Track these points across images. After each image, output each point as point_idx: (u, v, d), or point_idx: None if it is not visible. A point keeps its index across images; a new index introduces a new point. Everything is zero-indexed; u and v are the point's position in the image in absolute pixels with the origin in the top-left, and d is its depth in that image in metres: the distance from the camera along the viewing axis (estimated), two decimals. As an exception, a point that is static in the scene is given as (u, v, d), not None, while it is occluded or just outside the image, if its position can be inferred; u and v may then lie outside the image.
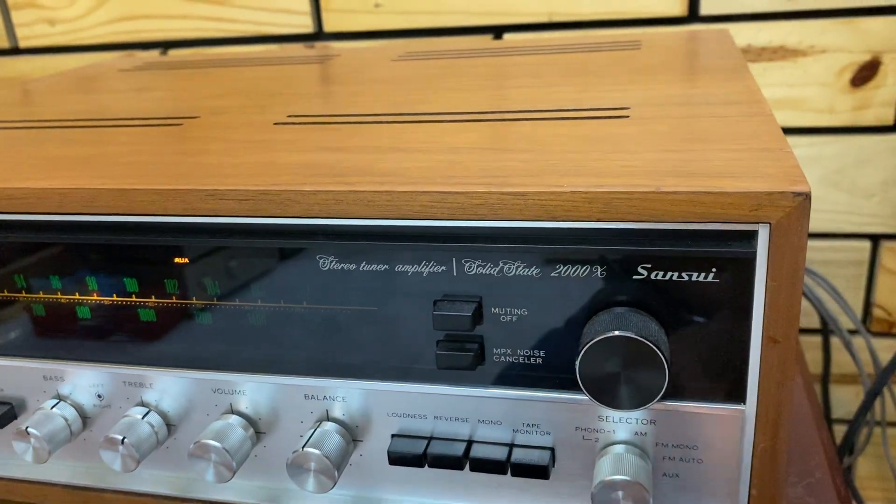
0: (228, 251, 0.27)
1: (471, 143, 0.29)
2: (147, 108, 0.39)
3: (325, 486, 0.27)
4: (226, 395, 0.30)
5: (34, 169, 0.30)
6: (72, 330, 0.31)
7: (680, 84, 0.35)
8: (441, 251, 0.25)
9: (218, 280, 0.28)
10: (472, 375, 0.26)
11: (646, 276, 0.23)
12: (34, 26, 0.78)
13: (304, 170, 0.27)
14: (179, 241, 0.28)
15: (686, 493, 0.27)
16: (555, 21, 0.67)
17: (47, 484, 0.33)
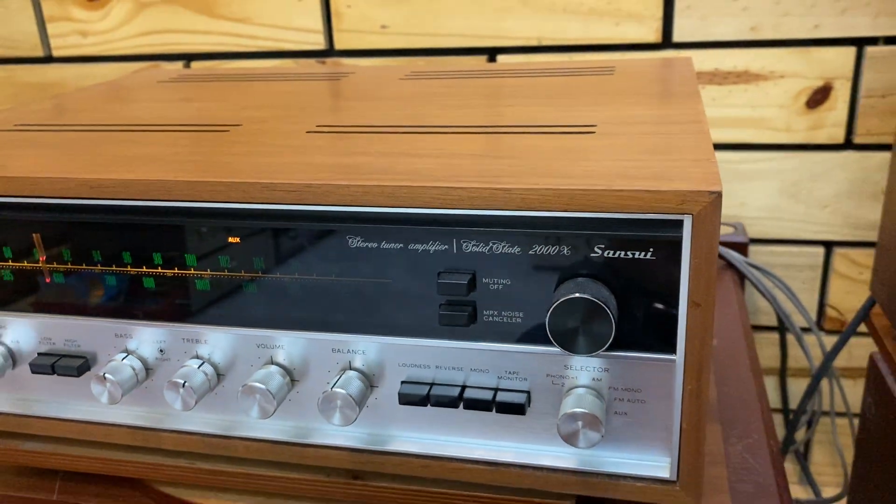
0: (275, 232, 0.35)
1: (468, 150, 0.36)
2: (194, 116, 0.46)
3: (349, 419, 0.35)
4: (267, 349, 0.37)
5: (115, 164, 0.37)
6: (140, 296, 0.38)
7: (641, 106, 0.43)
8: (444, 233, 0.32)
9: (263, 256, 0.35)
10: (466, 332, 0.34)
11: (600, 254, 0.31)
12: (68, 37, 0.85)
13: (336, 169, 0.34)
14: (235, 224, 0.35)
15: (633, 428, 0.34)
16: (543, 45, 0.75)
17: (113, 425, 0.40)
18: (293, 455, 0.38)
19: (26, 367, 0.41)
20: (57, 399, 0.41)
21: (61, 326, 0.39)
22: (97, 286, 0.38)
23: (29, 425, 0.42)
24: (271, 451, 0.38)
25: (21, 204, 0.37)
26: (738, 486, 0.43)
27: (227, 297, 0.37)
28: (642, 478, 0.34)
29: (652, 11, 0.72)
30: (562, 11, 0.73)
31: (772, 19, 0.70)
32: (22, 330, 0.40)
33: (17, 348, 0.40)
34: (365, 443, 0.37)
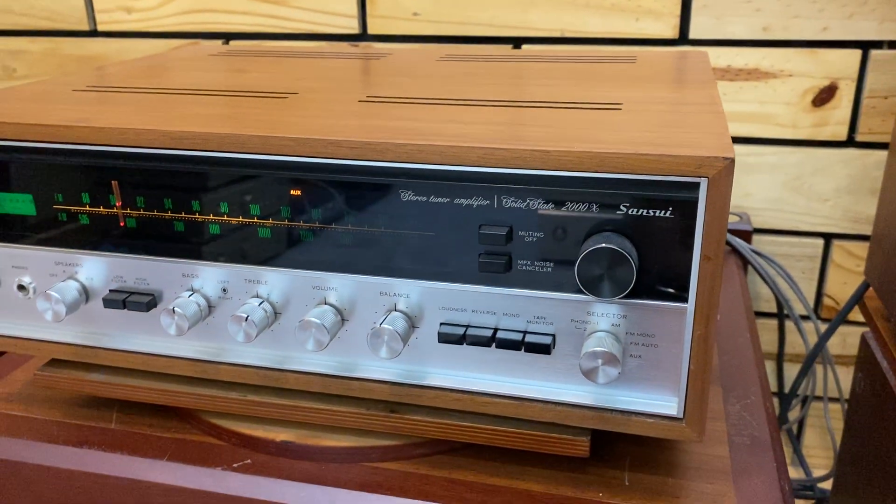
0: (334, 185, 0.39)
1: (506, 119, 0.40)
2: (252, 85, 0.51)
3: (395, 352, 0.39)
4: (321, 290, 0.41)
5: (189, 120, 0.41)
6: (206, 240, 0.42)
7: (662, 90, 0.47)
8: (486, 190, 0.37)
9: (320, 207, 0.40)
10: (501, 279, 0.38)
11: (625, 212, 0.35)
12: (113, 13, 0.90)
13: (390, 130, 0.38)
14: (298, 176, 0.39)
15: (645, 370, 0.38)
16: (566, 36, 0.79)
17: (175, 357, 0.45)
18: (340, 387, 0.43)
19: (97, 302, 0.45)
20: (123, 333, 0.46)
21: (132, 266, 0.44)
22: (168, 230, 0.42)
23: (96, 356, 0.46)
24: (320, 384, 0.43)
25: (102, 152, 0.41)
26: (736, 439, 0.47)
27: (287, 243, 0.41)
28: (652, 415, 0.39)
29: (670, 9, 0.76)
30: (584, 6, 0.78)
31: (782, 21, 0.74)
32: (95, 268, 0.44)
33: (91, 285, 0.45)
34: (404, 377, 0.42)
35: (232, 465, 0.45)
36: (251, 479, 0.45)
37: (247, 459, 0.46)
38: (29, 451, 0.48)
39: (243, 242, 0.42)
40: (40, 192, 0.44)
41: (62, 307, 0.43)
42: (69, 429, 0.49)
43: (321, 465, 0.45)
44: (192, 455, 0.46)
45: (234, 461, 0.46)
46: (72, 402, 0.52)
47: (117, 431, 0.49)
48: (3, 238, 0.45)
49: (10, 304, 0.47)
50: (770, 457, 0.46)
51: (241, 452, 0.47)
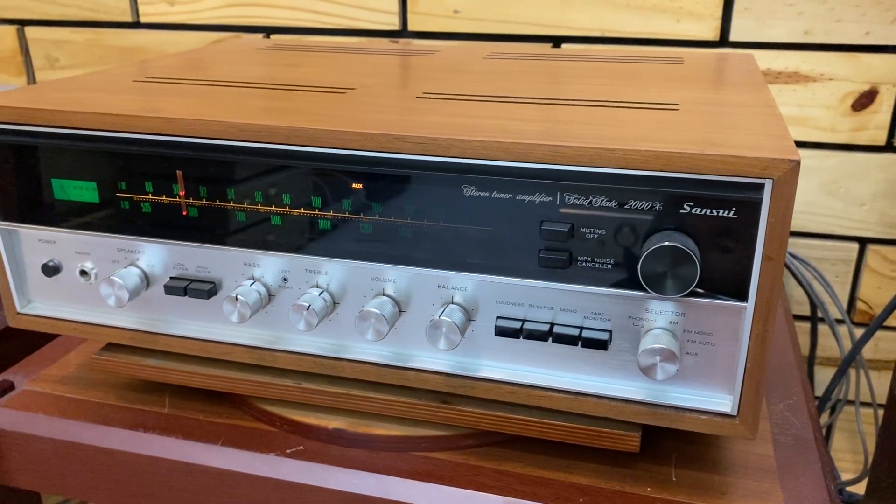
0: (396, 179, 0.40)
1: (565, 118, 0.41)
2: (308, 79, 0.52)
3: (453, 343, 0.40)
4: (379, 282, 0.42)
5: (254, 113, 0.42)
6: (268, 230, 0.43)
7: (716, 91, 0.48)
8: (549, 187, 0.37)
9: (381, 201, 0.41)
10: (561, 275, 0.39)
11: (688, 211, 0.36)
12: (156, 5, 0.91)
13: (454, 127, 0.39)
14: (361, 169, 0.40)
15: (700, 367, 0.39)
16: (606, 36, 0.80)
17: (233, 344, 0.46)
18: (395, 377, 0.43)
19: (157, 288, 0.46)
20: (181, 319, 0.47)
21: (194, 254, 0.45)
22: (230, 220, 0.43)
23: (155, 342, 0.47)
24: (375, 373, 0.44)
25: (169, 142, 0.42)
26: (780, 439, 0.48)
27: (347, 234, 0.42)
28: (706, 411, 0.39)
29: (711, 11, 0.76)
30: (625, 6, 0.78)
31: (824, 24, 0.74)
32: (157, 255, 0.45)
33: (151, 272, 0.46)
34: (458, 369, 0.43)
35: (285, 452, 0.46)
36: (304, 465, 0.45)
37: (299, 446, 0.47)
38: (86, 432, 0.49)
39: (304, 233, 0.42)
40: (104, 179, 0.45)
41: (125, 293, 0.44)
42: (124, 412, 0.50)
43: (372, 453, 0.46)
44: (245, 440, 0.47)
45: (286, 447, 0.47)
46: (125, 386, 0.53)
47: (171, 416, 0.50)
48: (66, 224, 0.46)
49: (72, 288, 0.48)
50: (815, 457, 0.46)
51: (293, 439, 0.47)
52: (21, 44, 0.97)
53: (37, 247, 0.48)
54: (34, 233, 0.47)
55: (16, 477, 0.51)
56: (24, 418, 0.50)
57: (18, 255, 0.48)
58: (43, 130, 0.44)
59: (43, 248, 0.47)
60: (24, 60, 0.98)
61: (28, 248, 0.48)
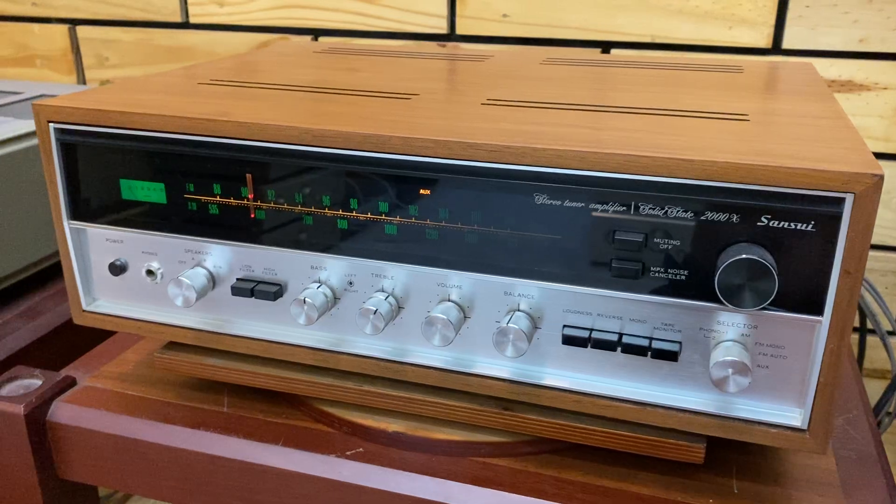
0: (464, 186, 0.40)
1: (636, 126, 0.41)
2: (370, 84, 0.52)
3: (521, 351, 0.40)
4: (445, 287, 0.42)
5: (324, 118, 0.43)
6: (335, 234, 0.43)
7: (783, 101, 0.47)
8: (624, 196, 0.37)
9: (448, 207, 0.41)
10: (632, 284, 0.39)
11: (766, 223, 0.36)
12: (206, 6, 0.92)
13: (524, 134, 0.39)
14: (431, 176, 0.40)
15: (771, 381, 0.39)
16: (656, 42, 0.79)
17: (297, 346, 0.46)
18: (458, 382, 0.44)
19: (221, 289, 0.47)
20: (245, 320, 0.47)
21: (261, 256, 0.45)
22: (298, 223, 0.44)
23: (219, 342, 0.48)
24: (438, 378, 0.44)
25: (240, 146, 0.43)
26: (842, 453, 0.47)
27: (414, 240, 0.42)
28: (776, 425, 0.39)
29: (765, 18, 0.75)
30: (677, 12, 0.78)
31: (881, 32, 0.73)
32: (223, 257, 0.46)
33: (217, 273, 0.47)
34: (521, 376, 0.43)
35: (344, 453, 0.47)
36: (364, 467, 0.46)
37: (358, 448, 0.47)
38: (148, 429, 0.50)
39: (371, 238, 0.43)
40: (172, 181, 0.45)
41: (193, 293, 0.45)
42: (184, 410, 0.51)
43: (431, 457, 0.46)
44: (305, 441, 0.48)
45: (345, 449, 0.47)
46: (184, 385, 0.54)
47: (230, 415, 0.50)
48: (134, 224, 0.47)
49: (137, 288, 0.49)
50: (878, 472, 0.46)
51: (352, 441, 0.48)
52: (72, 43, 0.99)
53: (104, 246, 0.48)
54: (102, 232, 0.48)
55: (77, 471, 0.52)
56: (86, 414, 0.51)
57: (86, 253, 0.49)
58: (113, 132, 0.45)
59: (110, 247, 0.48)
60: (74, 59, 1.00)
61: (95, 246, 0.49)
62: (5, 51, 1.02)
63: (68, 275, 0.49)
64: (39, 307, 0.65)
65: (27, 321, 0.62)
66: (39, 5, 0.99)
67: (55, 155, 0.46)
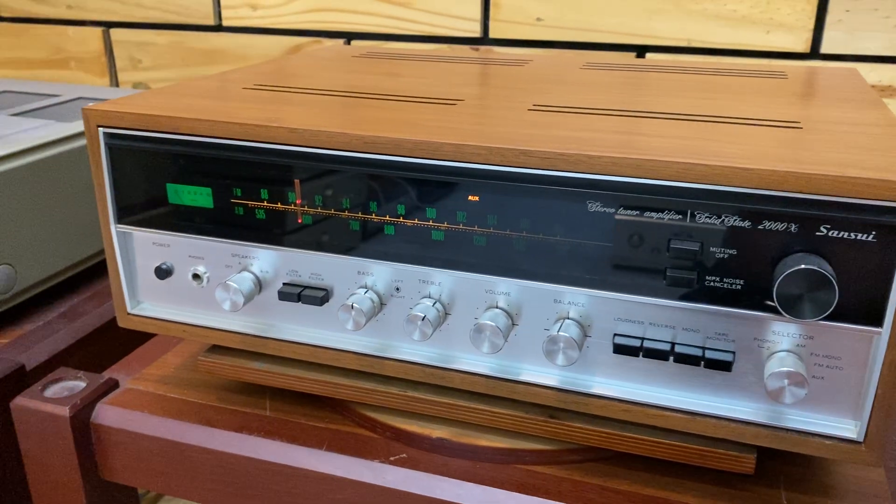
0: (515, 192, 0.40)
1: (689, 133, 0.40)
2: (413, 89, 0.52)
3: (571, 359, 0.40)
4: (492, 294, 0.42)
5: (378, 124, 0.43)
6: (382, 240, 0.43)
7: (834, 108, 0.47)
8: (680, 204, 0.37)
9: (496, 214, 0.41)
10: (687, 294, 0.38)
11: (825, 233, 0.35)
12: (239, 9, 0.92)
13: (576, 141, 0.39)
14: (481, 182, 0.40)
15: (826, 392, 0.38)
16: (692, 46, 0.79)
17: (342, 351, 0.46)
18: (504, 390, 0.43)
19: (267, 294, 0.47)
20: (290, 325, 0.48)
21: (307, 260, 0.45)
22: (345, 229, 0.44)
23: (264, 346, 0.48)
24: (485, 385, 0.44)
25: (289, 152, 0.43)
26: (892, 465, 0.47)
27: (462, 246, 0.42)
28: (831, 437, 0.38)
29: (804, 22, 0.75)
30: (714, 16, 0.77)
31: (923, 37, 0.72)
32: (270, 261, 0.46)
33: (264, 277, 0.47)
34: (570, 384, 0.42)
35: (389, 459, 0.47)
36: (409, 473, 0.46)
37: (402, 454, 0.47)
38: (191, 432, 0.50)
39: (418, 243, 0.43)
40: (219, 186, 0.46)
41: (241, 297, 0.45)
42: (227, 414, 0.51)
43: (475, 464, 0.46)
44: (348, 446, 0.48)
45: (389, 454, 0.47)
46: (226, 388, 0.54)
47: (273, 419, 0.51)
48: (180, 228, 0.47)
49: (182, 291, 0.49)
50: (930, 485, 0.45)
51: (395, 446, 0.48)
52: (106, 45, 1.00)
53: (150, 250, 0.49)
54: (149, 236, 0.48)
55: (119, 473, 0.52)
56: (130, 416, 0.51)
57: (132, 257, 0.49)
58: (161, 136, 0.45)
59: (157, 251, 0.48)
60: (107, 61, 1.01)
61: (141, 250, 0.49)
62: (40, 53, 1.04)
63: (114, 278, 0.50)
64: (79, 308, 0.65)
65: (68, 322, 0.63)
66: (74, 8, 1.00)
67: (104, 159, 0.47)
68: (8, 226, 0.60)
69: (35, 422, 0.51)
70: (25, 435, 0.52)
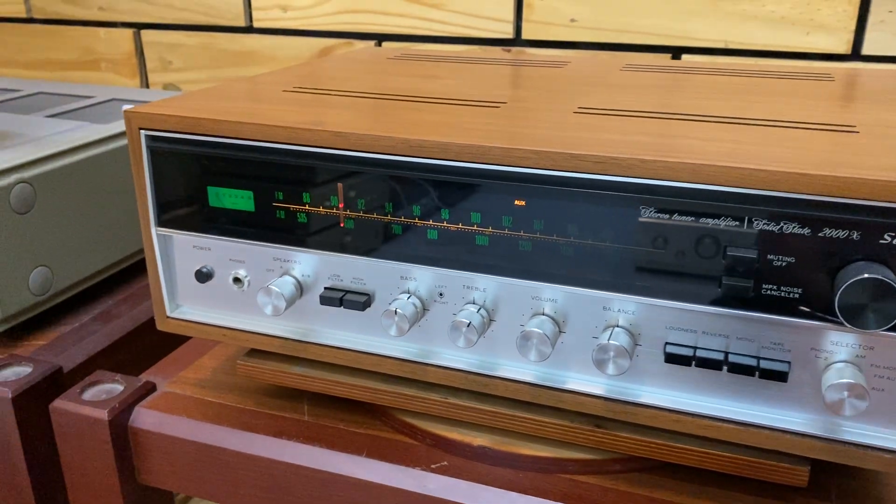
0: (564, 197, 0.39)
1: (741, 138, 0.39)
2: (454, 92, 0.51)
3: (622, 369, 0.39)
4: (538, 301, 0.42)
5: (423, 128, 0.42)
6: (425, 244, 0.43)
7: (889, 112, 0.45)
8: (738, 211, 0.36)
9: (543, 218, 0.40)
10: (743, 302, 0.37)
11: (889, 241, 0.34)
12: (269, 10, 0.92)
13: (628, 144, 0.38)
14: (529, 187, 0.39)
15: (886, 404, 0.37)
16: (729, 48, 0.78)
17: (384, 356, 0.46)
18: (550, 398, 0.43)
19: (308, 298, 0.46)
20: (331, 329, 0.47)
21: (350, 265, 0.45)
22: (388, 233, 0.43)
23: (305, 350, 0.47)
24: (530, 393, 0.43)
25: (332, 155, 0.43)
26: (946, 478, 0.45)
27: (507, 252, 0.41)
28: (889, 450, 0.37)
29: (844, 24, 0.73)
30: (752, 17, 0.76)
31: (968, 38, 0.71)
32: (312, 265, 0.46)
33: (305, 281, 0.46)
34: (619, 394, 0.42)
35: (430, 466, 0.46)
36: (451, 481, 0.45)
37: (443, 461, 0.46)
38: (230, 437, 0.50)
39: (462, 248, 0.42)
40: (261, 189, 0.45)
41: (283, 302, 0.45)
42: (265, 418, 0.51)
43: (518, 473, 0.46)
44: (388, 453, 0.47)
45: (429, 462, 0.46)
46: (263, 392, 0.54)
47: (311, 424, 0.50)
48: (221, 232, 0.47)
49: (222, 295, 0.49)
50: None
51: (435, 454, 0.47)
52: (136, 46, 1.00)
53: (191, 253, 0.48)
54: (189, 239, 0.48)
55: (157, 477, 0.52)
56: (167, 420, 0.51)
57: (172, 260, 0.49)
58: (203, 139, 0.45)
59: (197, 254, 0.48)
60: (138, 63, 1.01)
61: (181, 253, 0.49)
62: (72, 54, 1.04)
63: (154, 281, 0.49)
64: (113, 311, 0.65)
65: (103, 324, 0.63)
66: (106, 10, 1.00)
67: (145, 161, 0.47)
68: (45, 227, 0.60)
69: (73, 425, 0.51)
70: (64, 438, 0.52)
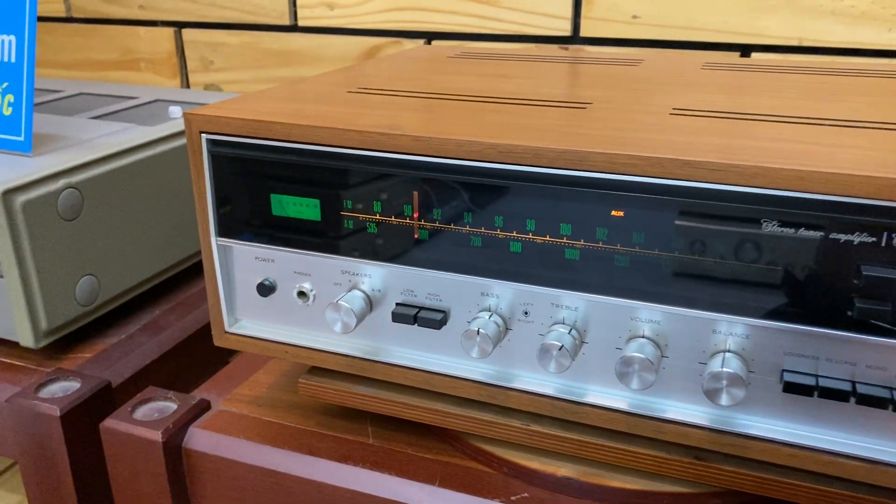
0: (670, 207, 0.35)
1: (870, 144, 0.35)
2: (532, 92, 0.48)
3: (735, 398, 0.35)
4: (637, 321, 0.38)
5: (509, 131, 0.38)
6: (508, 258, 0.39)
7: None
8: (877, 226, 0.32)
9: (644, 231, 0.36)
10: (875, 327, 0.33)
11: None
12: (315, 9, 0.89)
13: (746, 150, 0.34)
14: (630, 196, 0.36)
15: None
16: (803, 45, 0.73)
17: (461, 378, 0.42)
18: (649, 429, 0.39)
19: (377, 314, 0.43)
20: (400, 348, 0.44)
21: (425, 279, 0.41)
22: (466, 245, 0.40)
23: (373, 370, 0.44)
24: (626, 423, 0.39)
25: (408, 161, 0.39)
26: None
27: (600, 266, 0.38)
28: None
29: (932, 18, 0.69)
30: (829, 12, 0.71)
31: None
32: (383, 279, 0.42)
33: (375, 296, 0.43)
34: (725, 424, 0.38)
35: (510, 498, 0.42)
36: (533, 515, 0.42)
37: (523, 493, 0.43)
38: (291, 461, 0.46)
39: (550, 263, 0.38)
40: (328, 197, 0.42)
41: (353, 318, 0.41)
42: (327, 441, 0.48)
43: (606, 507, 0.42)
44: (462, 482, 0.44)
45: (508, 493, 0.43)
46: (324, 412, 0.50)
47: (377, 448, 0.47)
48: (284, 242, 0.44)
49: (284, 309, 0.46)
50: None
51: (514, 484, 0.44)
52: (177, 46, 0.98)
53: (252, 265, 0.45)
54: (251, 250, 0.45)
55: (211, 501, 0.49)
56: (224, 442, 0.48)
57: (231, 272, 0.46)
58: (267, 144, 0.42)
59: (259, 266, 0.45)
60: (178, 62, 0.99)
61: (241, 265, 0.46)
62: (111, 54, 1.02)
63: (212, 294, 0.46)
64: (161, 321, 0.62)
65: (151, 336, 0.60)
66: (146, 8, 0.98)
67: (206, 167, 0.43)
68: (92, 235, 0.58)
69: (125, 445, 0.48)
70: (115, 459, 0.49)
